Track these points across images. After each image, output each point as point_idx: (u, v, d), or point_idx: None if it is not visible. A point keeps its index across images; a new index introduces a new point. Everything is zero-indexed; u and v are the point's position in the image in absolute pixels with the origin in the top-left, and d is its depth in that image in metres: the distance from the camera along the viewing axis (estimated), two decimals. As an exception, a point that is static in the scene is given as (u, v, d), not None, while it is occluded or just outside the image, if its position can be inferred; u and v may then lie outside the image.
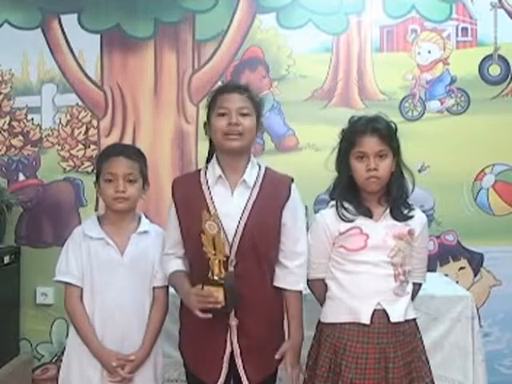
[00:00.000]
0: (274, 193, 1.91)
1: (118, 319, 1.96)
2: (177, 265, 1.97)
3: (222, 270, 1.77)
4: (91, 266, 1.98)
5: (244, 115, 1.87)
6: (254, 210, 1.86)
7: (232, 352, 1.88)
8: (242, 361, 1.87)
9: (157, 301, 2.03)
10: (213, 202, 1.87)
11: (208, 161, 2.00)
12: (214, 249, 1.74)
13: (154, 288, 2.04)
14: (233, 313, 1.85)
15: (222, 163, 1.92)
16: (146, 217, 2.13)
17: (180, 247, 1.97)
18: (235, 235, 1.85)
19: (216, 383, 1.87)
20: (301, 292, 1.95)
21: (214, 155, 1.96)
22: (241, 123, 1.85)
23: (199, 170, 1.99)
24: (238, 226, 1.85)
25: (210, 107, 1.94)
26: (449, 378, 2.34)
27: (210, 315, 1.77)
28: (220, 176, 1.90)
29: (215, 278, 1.76)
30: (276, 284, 1.92)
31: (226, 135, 1.86)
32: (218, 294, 1.74)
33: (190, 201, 1.91)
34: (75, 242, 2.02)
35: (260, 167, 1.96)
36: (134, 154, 2.05)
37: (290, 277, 1.91)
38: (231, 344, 1.87)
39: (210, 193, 1.89)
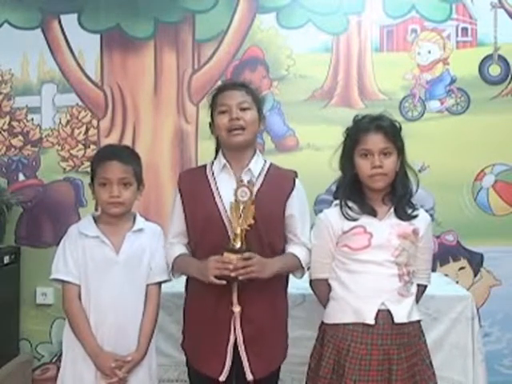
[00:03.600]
0: (278, 184, 1.95)
1: (112, 317, 1.96)
2: (180, 249, 2.01)
3: (243, 239, 1.81)
4: (86, 264, 1.97)
5: (244, 109, 1.92)
6: (258, 199, 1.89)
7: (235, 343, 1.89)
8: (246, 352, 1.88)
9: (150, 299, 2.03)
10: (218, 190, 1.93)
11: (216, 154, 2.06)
12: (240, 217, 1.80)
13: (147, 285, 2.03)
14: (236, 300, 1.87)
15: (227, 156, 1.98)
16: (141, 215, 2.13)
17: (183, 237, 2.02)
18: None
19: (220, 375, 1.88)
20: (302, 266, 1.97)
21: (220, 150, 2.02)
22: (242, 117, 1.91)
23: (205, 165, 2.04)
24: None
25: (211, 107, 1.99)
26: (449, 378, 2.33)
27: (224, 282, 1.81)
28: (225, 165, 1.96)
29: (236, 245, 1.80)
30: (290, 250, 1.97)
31: (229, 131, 1.92)
32: (238, 261, 1.79)
33: (195, 189, 1.96)
34: (71, 241, 2.01)
35: (265, 161, 2.01)
36: (128, 156, 2.03)
37: (303, 251, 1.97)
38: (235, 332, 1.88)
39: (215, 181, 1.95)
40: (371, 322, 1.84)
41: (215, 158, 2.04)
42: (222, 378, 1.89)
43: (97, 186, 2.00)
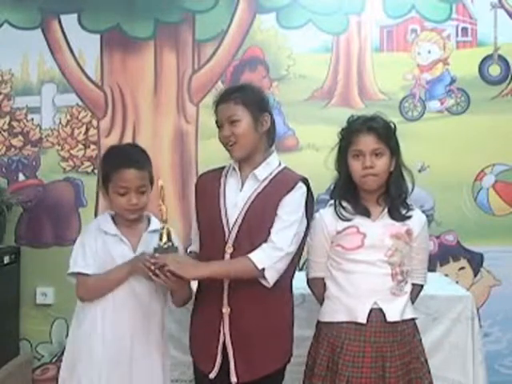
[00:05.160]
0: (279, 186, 1.93)
1: (127, 315, 1.95)
2: (190, 247, 2.07)
3: (168, 240, 1.87)
4: (105, 259, 1.97)
5: (233, 122, 1.91)
6: (255, 201, 1.90)
7: (225, 343, 1.89)
8: (234, 354, 1.88)
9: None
10: (224, 192, 1.95)
11: None
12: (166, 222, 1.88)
13: None
14: (225, 300, 1.88)
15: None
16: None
17: (198, 236, 2.03)
18: (235, 223, 1.89)
19: (210, 372, 1.89)
20: (258, 270, 1.82)
21: None
22: (232, 133, 1.91)
23: (225, 166, 2.05)
24: (238, 216, 1.89)
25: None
26: (449, 378, 2.33)
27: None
28: (234, 168, 1.98)
29: (163, 245, 1.86)
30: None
31: (225, 146, 1.95)
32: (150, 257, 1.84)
33: (207, 190, 1.99)
34: (90, 235, 2.01)
35: (279, 165, 1.99)
36: (143, 160, 2.02)
37: (259, 251, 1.84)
38: (224, 333, 1.89)
39: (224, 184, 1.97)
40: (363, 321, 1.85)
41: None
42: (211, 376, 1.90)
43: (113, 194, 1.98)
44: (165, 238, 1.88)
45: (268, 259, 1.84)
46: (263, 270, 1.83)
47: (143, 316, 1.97)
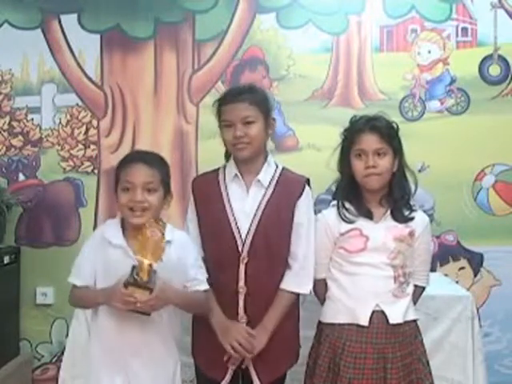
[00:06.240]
0: (287, 191, 1.92)
1: (134, 330, 1.83)
2: None
3: (151, 275, 1.70)
4: (108, 272, 1.81)
5: (248, 123, 1.87)
6: (267, 209, 1.89)
7: None
8: (253, 360, 1.89)
9: None
10: (229, 200, 1.92)
11: (227, 158, 2.01)
12: (146, 252, 1.69)
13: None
14: (242, 310, 1.88)
15: (238, 166, 1.95)
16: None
17: (196, 241, 1.98)
18: (248, 233, 1.88)
19: (223, 379, 1.89)
20: (298, 295, 1.95)
21: (232, 156, 1.99)
22: (246, 133, 1.87)
23: (218, 169, 2.02)
24: (251, 224, 1.88)
25: (217, 116, 1.95)
26: (449, 378, 2.33)
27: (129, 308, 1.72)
28: (236, 175, 1.94)
29: (144, 280, 1.69)
30: (281, 286, 1.91)
31: (234, 146, 1.89)
32: (142, 296, 1.69)
33: (207, 196, 1.95)
34: (93, 245, 1.87)
35: (277, 167, 1.98)
36: (156, 161, 1.89)
37: (294, 279, 1.92)
38: None
39: (226, 190, 1.94)
40: (365, 323, 1.85)
41: (227, 161, 2.00)
42: (223, 383, 1.90)
43: (119, 191, 1.83)
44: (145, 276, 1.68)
45: (307, 284, 1.93)
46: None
47: (150, 325, 1.83)
